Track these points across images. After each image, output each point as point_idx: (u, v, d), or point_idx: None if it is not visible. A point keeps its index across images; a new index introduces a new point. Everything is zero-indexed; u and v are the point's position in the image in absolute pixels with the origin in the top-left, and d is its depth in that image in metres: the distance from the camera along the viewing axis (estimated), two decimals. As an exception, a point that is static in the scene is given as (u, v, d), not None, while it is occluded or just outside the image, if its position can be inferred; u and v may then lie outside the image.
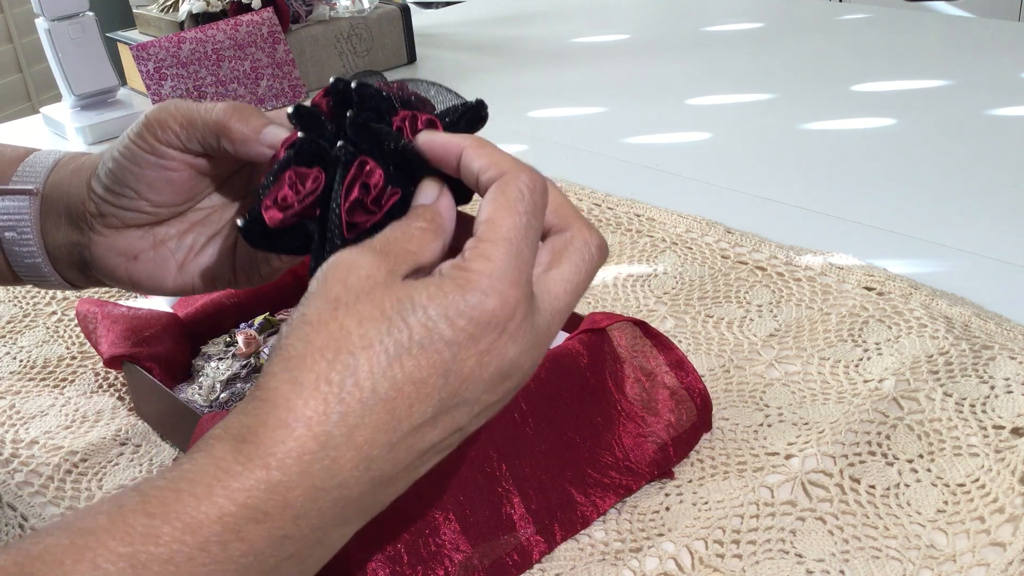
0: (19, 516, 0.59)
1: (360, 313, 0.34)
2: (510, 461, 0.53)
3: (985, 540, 0.52)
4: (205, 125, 0.44)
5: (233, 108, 0.44)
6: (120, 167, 0.46)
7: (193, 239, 0.49)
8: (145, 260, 0.48)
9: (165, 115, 0.45)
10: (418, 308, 0.34)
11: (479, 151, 0.38)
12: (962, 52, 1.34)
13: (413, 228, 0.38)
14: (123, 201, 0.47)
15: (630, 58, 1.41)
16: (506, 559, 0.52)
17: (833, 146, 1.05)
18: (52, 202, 0.48)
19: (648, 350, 0.60)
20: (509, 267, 0.36)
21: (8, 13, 2.38)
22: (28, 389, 0.72)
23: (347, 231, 0.38)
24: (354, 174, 0.39)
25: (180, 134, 0.45)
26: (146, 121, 0.45)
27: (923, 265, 0.79)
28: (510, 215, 0.36)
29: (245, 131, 0.43)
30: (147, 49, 1.16)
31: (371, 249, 0.36)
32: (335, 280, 0.35)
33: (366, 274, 0.35)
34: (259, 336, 0.66)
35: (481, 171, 0.38)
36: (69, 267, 0.50)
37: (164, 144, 0.45)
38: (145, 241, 0.48)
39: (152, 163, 0.45)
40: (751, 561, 0.51)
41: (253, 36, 1.22)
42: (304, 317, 0.35)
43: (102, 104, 1.22)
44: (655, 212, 0.89)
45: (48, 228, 0.49)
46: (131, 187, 0.46)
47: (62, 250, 0.49)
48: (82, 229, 0.48)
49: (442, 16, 1.76)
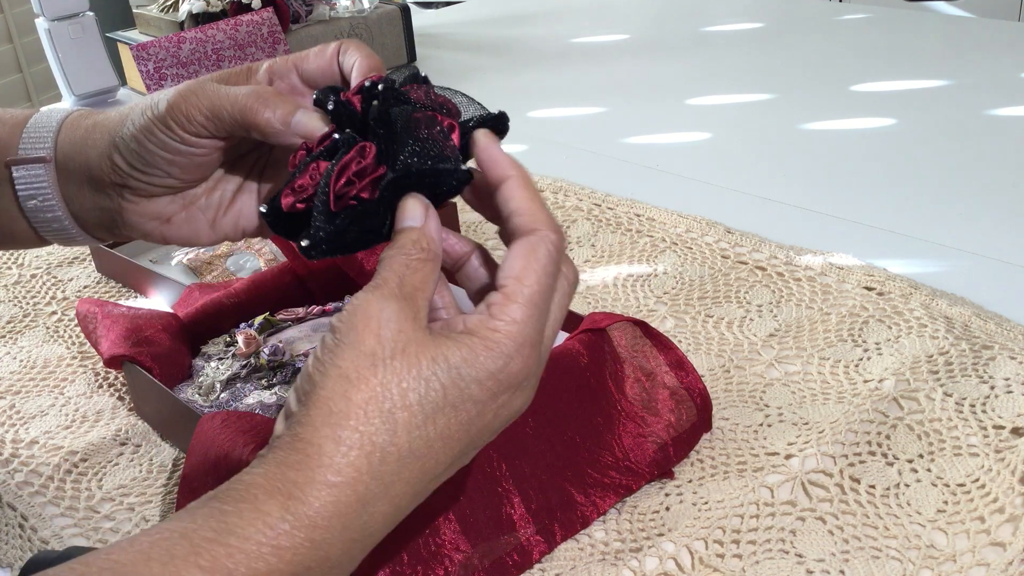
0: (19, 516, 0.59)
1: (398, 371, 0.36)
2: (510, 461, 0.53)
3: (985, 540, 0.52)
4: (231, 117, 0.44)
5: (256, 95, 0.44)
6: (148, 151, 0.46)
7: (221, 195, 0.50)
8: (178, 222, 0.49)
9: (189, 108, 0.45)
10: (452, 369, 0.37)
11: (523, 190, 0.40)
12: (962, 52, 1.33)
13: (413, 260, 0.39)
14: (152, 179, 0.47)
15: (630, 58, 1.41)
16: (506, 559, 0.52)
17: (833, 146, 1.05)
18: (70, 170, 0.48)
19: (648, 350, 0.60)
20: (534, 331, 0.38)
21: (8, 13, 2.38)
22: (28, 389, 0.72)
23: (334, 204, 0.39)
24: (351, 156, 0.39)
25: (207, 126, 0.45)
26: (170, 111, 0.45)
27: (923, 265, 0.79)
28: (538, 278, 0.38)
29: (275, 123, 0.44)
30: (147, 49, 1.16)
31: (392, 295, 0.37)
32: (368, 332, 0.36)
33: (397, 328, 0.37)
34: (259, 336, 0.66)
35: (516, 212, 0.39)
36: (98, 228, 0.50)
37: (192, 135, 0.45)
38: (175, 205, 0.49)
39: (184, 151, 0.46)
40: (751, 561, 0.51)
41: (253, 36, 1.22)
42: (341, 371, 0.36)
43: (102, 104, 1.22)
44: (655, 212, 0.89)
45: (70, 193, 0.49)
46: (161, 168, 0.46)
47: (91, 213, 0.49)
48: (110, 196, 0.48)
49: (442, 16, 1.76)
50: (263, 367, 0.63)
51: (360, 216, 0.39)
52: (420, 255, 0.39)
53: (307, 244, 0.39)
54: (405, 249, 0.39)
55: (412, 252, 0.39)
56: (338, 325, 0.37)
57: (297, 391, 0.37)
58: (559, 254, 0.39)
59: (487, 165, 0.41)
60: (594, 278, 0.81)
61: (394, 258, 0.39)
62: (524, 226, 0.39)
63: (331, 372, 0.36)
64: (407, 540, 0.49)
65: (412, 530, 0.50)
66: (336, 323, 0.37)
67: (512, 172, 0.40)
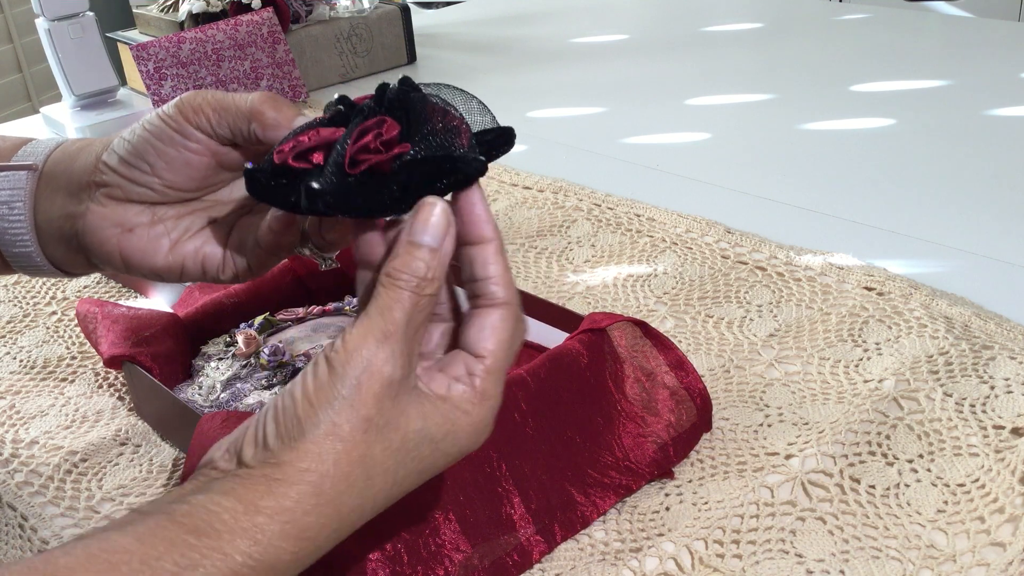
0: (19, 516, 0.59)
1: (387, 441, 0.38)
2: (510, 461, 0.53)
3: (985, 540, 0.52)
4: (238, 110, 0.45)
5: (268, 96, 0.45)
6: (142, 140, 0.46)
7: (191, 221, 0.49)
8: (140, 234, 0.48)
9: (200, 99, 0.45)
10: (433, 442, 0.39)
11: (502, 257, 0.41)
12: (962, 52, 1.33)
13: (423, 299, 0.39)
14: (135, 174, 0.47)
15: (630, 58, 1.41)
16: (506, 559, 0.52)
17: (833, 146, 1.05)
18: (52, 176, 0.48)
19: (648, 350, 0.60)
20: (500, 402, 0.41)
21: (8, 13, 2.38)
22: (28, 389, 0.72)
23: (349, 166, 0.38)
24: (372, 124, 0.39)
25: (212, 118, 0.45)
26: (179, 102, 0.45)
27: (923, 265, 0.79)
28: (508, 352, 0.41)
29: (278, 118, 0.44)
30: (147, 49, 1.16)
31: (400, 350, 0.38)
32: (369, 395, 0.37)
33: (395, 393, 0.38)
34: (259, 336, 0.66)
35: (494, 280, 0.41)
36: (58, 242, 0.49)
37: (193, 125, 0.45)
38: (143, 216, 0.48)
39: (176, 141, 0.46)
40: (751, 561, 0.51)
41: (253, 36, 1.22)
42: (334, 428, 0.37)
43: (102, 104, 1.22)
44: (655, 212, 0.89)
45: (41, 202, 0.48)
46: (148, 162, 0.46)
47: (53, 223, 0.48)
48: (80, 199, 0.47)
49: (442, 16, 1.76)
50: (263, 367, 0.63)
51: (369, 186, 0.39)
52: (430, 290, 0.39)
53: (316, 188, 0.38)
54: (417, 284, 0.39)
55: (424, 288, 0.39)
56: (338, 368, 0.37)
57: (279, 424, 0.38)
58: None
59: (471, 220, 0.41)
60: (594, 278, 0.81)
61: (403, 292, 0.38)
62: (500, 296, 0.41)
63: (323, 425, 0.37)
64: (407, 540, 0.49)
65: (412, 531, 0.50)
66: (335, 362, 0.38)
67: (494, 236, 0.41)
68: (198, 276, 0.49)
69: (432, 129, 0.40)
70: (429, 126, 0.39)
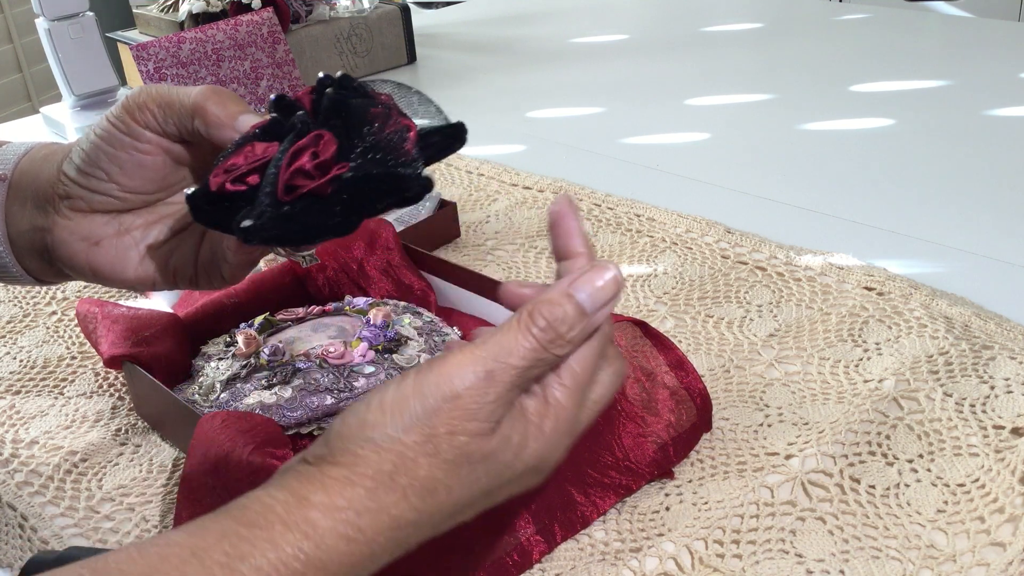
0: (19, 516, 0.59)
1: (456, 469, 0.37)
2: (510, 461, 0.53)
3: (985, 540, 0.52)
4: (183, 106, 0.44)
5: (211, 91, 0.44)
6: (95, 148, 0.45)
7: (159, 231, 0.48)
8: (107, 247, 0.47)
9: (144, 97, 0.44)
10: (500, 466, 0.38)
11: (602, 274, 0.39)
12: (962, 52, 1.34)
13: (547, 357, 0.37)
14: (93, 183, 0.45)
15: (629, 58, 1.41)
16: (506, 559, 0.52)
17: (833, 146, 1.05)
18: (20, 187, 0.47)
19: (648, 350, 0.60)
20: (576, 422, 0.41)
21: (8, 13, 2.38)
22: (28, 389, 0.72)
23: (283, 193, 0.37)
24: (307, 143, 0.37)
25: (157, 115, 0.44)
26: (125, 103, 0.44)
27: (923, 265, 0.79)
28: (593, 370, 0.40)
29: (221, 115, 0.43)
30: (147, 49, 1.16)
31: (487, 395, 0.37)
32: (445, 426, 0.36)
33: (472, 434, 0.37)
34: (259, 336, 0.66)
35: None
36: (31, 254, 0.48)
37: (141, 125, 0.44)
38: (110, 227, 0.47)
39: (127, 144, 0.44)
40: (751, 561, 0.51)
41: (253, 36, 1.22)
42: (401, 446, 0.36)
43: (102, 104, 1.22)
44: (655, 212, 0.89)
45: (12, 213, 0.47)
46: (103, 168, 0.45)
47: (24, 236, 0.47)
48: (47, 212, 0.46)
49: (442, 16, 1.76)
50: (263, 367, 0.63)
51: (308, 211, 0.37)
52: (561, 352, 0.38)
53: (248, 225, 0.36)
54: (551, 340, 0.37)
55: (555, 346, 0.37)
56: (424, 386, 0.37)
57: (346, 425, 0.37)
58: None
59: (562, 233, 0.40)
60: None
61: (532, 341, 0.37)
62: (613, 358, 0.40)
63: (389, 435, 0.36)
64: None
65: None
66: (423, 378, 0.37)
67: (584, 251, 0.40)
68: (171, 287, 0.48)
69: (374, 142, 0.37)
70: (371, 136, 0.37)
